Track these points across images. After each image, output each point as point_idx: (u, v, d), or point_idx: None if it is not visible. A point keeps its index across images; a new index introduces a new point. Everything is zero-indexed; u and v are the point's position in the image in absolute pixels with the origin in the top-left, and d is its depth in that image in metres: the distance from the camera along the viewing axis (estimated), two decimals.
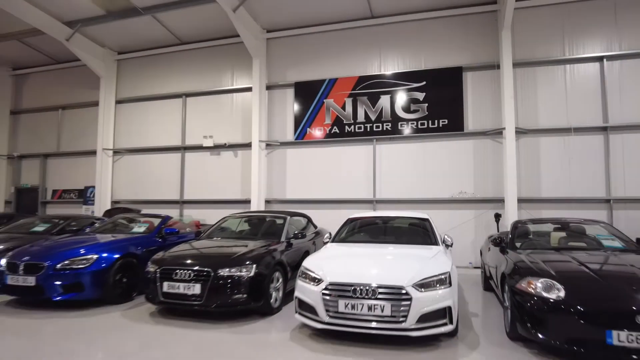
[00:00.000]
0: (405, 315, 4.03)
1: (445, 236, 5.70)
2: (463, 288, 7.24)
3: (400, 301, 4.06)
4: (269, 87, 11.22)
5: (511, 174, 8.81)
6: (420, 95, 10.01)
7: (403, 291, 4.08)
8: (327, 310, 4.26)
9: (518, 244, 5.64)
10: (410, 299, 4.05)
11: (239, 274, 5.16)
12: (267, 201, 10.98)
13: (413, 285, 4.12)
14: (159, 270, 5.33)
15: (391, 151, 10.21)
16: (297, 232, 6.97)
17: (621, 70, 8.84)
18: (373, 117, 10.27)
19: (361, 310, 4.13)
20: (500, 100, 9.27)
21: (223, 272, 5.11)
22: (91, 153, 13.06)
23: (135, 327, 4.96)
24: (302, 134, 10.83)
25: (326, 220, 9.29)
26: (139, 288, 6.35)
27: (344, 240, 5.97)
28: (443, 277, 4.28)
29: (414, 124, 10.02)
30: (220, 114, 11.78)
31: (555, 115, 9.11)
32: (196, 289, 5.06)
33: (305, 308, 4.51)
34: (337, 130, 10.54)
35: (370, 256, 5.01)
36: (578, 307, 3.68)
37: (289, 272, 6.10)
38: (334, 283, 4.31)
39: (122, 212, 9.98)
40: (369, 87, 10.37)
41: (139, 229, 7.51)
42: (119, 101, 12.97)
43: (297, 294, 4.63)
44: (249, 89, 11.33)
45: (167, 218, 7.84)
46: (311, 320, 4.40)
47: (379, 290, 4.13)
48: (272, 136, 11.14)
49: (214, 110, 11.86)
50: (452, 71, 9.84)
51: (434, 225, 6.02)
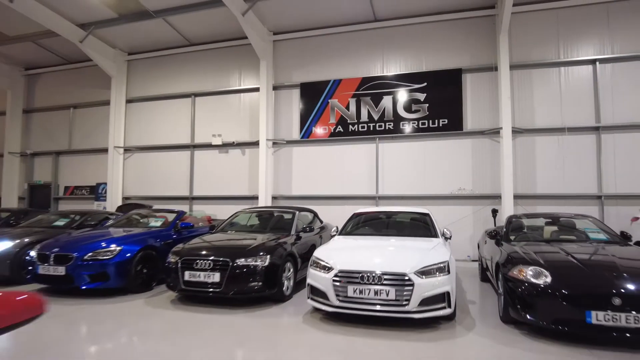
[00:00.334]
0: (408, 299, 4.49)
1: (445, 229, 6.15)
2: (461, 279, 7.69)
3: (404, 286, 4.51)
4: (275, 88, 11.64)
5: (508, 171, 9.26)
6: (421, 96, 10.44)
7: (406, 277, 4.53)
8: (338, 295, 4.71)
9: (512, 236, 6.08)
10: (412, 285, 4.50)
11: (254, 263, 5.61)
12: (274, 197, 11.43)
13: (415, 272, 4.57)
14: (180, 260, 5.78)
15: (393, 149, 10.65)
16: (305, 226, 7.42)
17: (613, 72, 9.27)
18: (376, 117, 10.71)
19: (368, 294, 4.58)
20: (498, 101, 9.69)
21: (240, 262, 5.56)
22: (102, 151, 13.51)
23: (160, 313, 5.42)
24: (308, 132, 11.27)
25: (331, 215, 9.72)
26: (158, 278, 6.81)
27: (351, 233, 6.42)
28: (442, 266, 4.73)
29: (415, 123, 10.45)
30: (228, 113, 12.21)
31: (550, 115, 9.55)
32: (216, 277, 5.51)
33: (317, 294, 4.96)
34: (342, 129, 10.97)
35: (376, 247, 5.47)
36: (562, 291, 4.13)
37: (299, 263, 6.56)
38: (343, 270, 4.77)
39: (135, 208, 10.42)
40: (372, 88, 10.80)
41: (156, 223, 7.95)
42: (129, 100, 13.39)
43: (309, 281, 5.08)
44: (256, 89, 11.76)
45: (182, 213, 8.28)
46: (323, 305, 4.86)
47: (384, 276, 4.58)
48: (279, 135, 11.57)
49: (222, 109, 12.29)
50: (452, 73, 10.26)
51: (434, 219, 6.46)
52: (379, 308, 4.55)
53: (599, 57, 9.32)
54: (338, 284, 4.73)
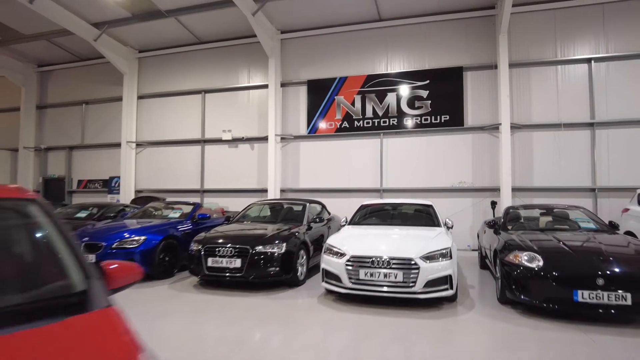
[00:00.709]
0: (414, 281, 4.99)
1: (447, 220, 6.63)
2: (462, 267, 8.18)
3: (410, 270, 5.01)
4: (283, 85, 12.07)
5: (506, 165, 9.73)
6: (424, 93, 10.87)
7: (412, 262, 5.03)
8: (350, 278, 5.22)
9: (509, 226, 6.57)
10: (418, 268, 4.99)
11: (272, 250, 6.10)
12: (282, 190, 11.90)
13: (420, 257, 5.06)
14: (203, 248, 6.27)
15: (397, 144, 11.11)
16: (315, 217, 7.91)
17: (607, 71, 9.70)
18: (380, 113, 11.16)
19: (378, 277, 5.08)
20: (497, 97, 10.11)
21: (259, 249, 6.06)
22: (114, 145, 13.96)
23: (186, 296, 5.92)
24: (315, 128, 11.72)
25: (336, 207, 10.19)
26: (179, 265, 7.30)
27: (359, 223, 6.91)
28: (445, 251, 5.22)
29: (418, 119, 10.90)
30: (237, 109, 12.65)
31: (547, 112, 9.99)
32: (237, 263, 6.01)
33: (330, 277, 5.46)
34: (347, 125, 11.42)
35: (384, 235, 5.97)
36: (553, 273, 4.63)
37: (311, 251, 7.06)
38: (355, 256, 5.26)
39: (150, 201, 10.91)
40: (376, 85, 11.23)
41: (175, 214, 8.45)
42: (140, 97, 13.81)
43: (324, 266, 5.58)
44: (264, 86, 12.19)
45: (198, 205, 8.77)
46: (336, 287, 5.36)
47: (393, 261, 5.08)
48: (286, 130, 12.02)
49: (232, 105, 12.73)
50: (454, 71, 10.69)
51: (437, 210, 6.95)
52: (388, 289, 5.05)
53: (594, 56, 9.75)
54: (350, 268, 5.23)
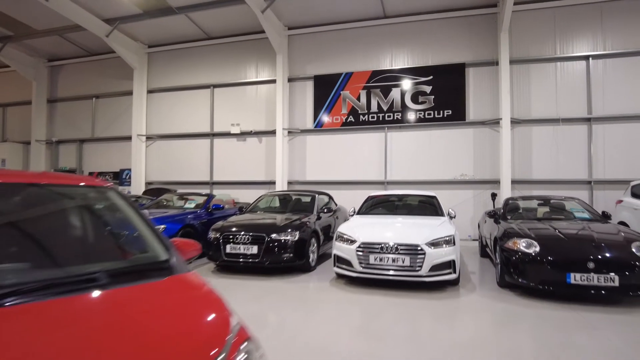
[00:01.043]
0: (421, 266, 5.41)
1: (450, 210, 7.04)
2: (463, 255, 8.59)
3: (417, 255, 5.43)
4: (290, 80, 12.41)
5: (506, 158, 10.12)
6: (427, 88, 11.23)
7: (419, 248, 5.44)
8: (361, 263, 5.64)
9: (509, 216, 6.97)
10: (424, 254, 5.41)
11: (286, 238, 6.52)
12: (289, 182, 12.30)
13: (426, 243, 5.48)
14: (221, 235, 6.69)
15: (401, 138, 11.49)
16: (324, 207, 8.32)
17: (605, 68, 10.05)
18: (385, 108, 11.52)
19: (387, 262, 5.50)
20: (498, 93, 10.47)
21: (274, 237, 6.48)
22: (124, 138, 14.33)
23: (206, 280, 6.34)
24: (321, 122, 12.09)
25: (342, 199, 10.57)
26: None
27: (367, 213, 7.32)
28: (448, 239, 5.63)
29: (421, 113, 11.27)
30: (245, 103, 13.00)
31: (546, 107, 10.36)
32: (254, 249, 6.43)
33: (342, 262, 5.88)
34: (353, 119, 11.80)
35: (392, 223, 6.38)
36: (548, 258, 5.04)
37: (321, 239, 7.48)
38: (365, 242, 5.68)
39: (162, 193, 11.31)
40: (381, 81, 11.59)
41: (190, 205, 8.86)
42: (150, 91, 14.15)
43: (335, 252, 6.00)
44: (271, 81, 12.54)
45: (212, 196, 9.18)
46: (347, 271, 5.78)
47: (400, 247, 5.49)
48: (293, 124, 12.38)
49: (240, 100, 13.08)
50: (456, 67, 11.04)
51: (440, 201, 7.36)
52: (396, 273, 5.48)
53: (592, 54, 10.09)
54: (361, 253, 5.65)
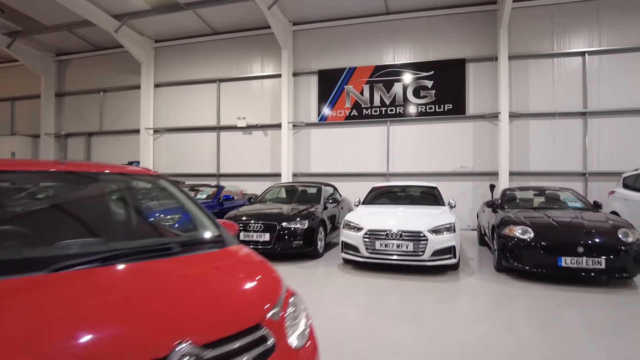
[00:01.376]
0: (423, 251, 5.82)
1: (450, 200, 7.45)
2: (462, 243, 8.93)
3: (420, 241, 5.84)
4: (295, 74, 12.72)
5: (504, 151, 10.50)
6: (429, 83, 11.58)
7: (422, 234, 5.85)
8: (367, 248, 6.05)
9: (506, 205, 7.37)
10: (426, 240, 5.82)
11: (296, 226, 6.92)
12: (294, 174, 12.67)
13: (428, 230, 5.88)
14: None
15: (403, 131, 11.86)
16: (329, 198, 8.71)
17: (600, 64, 10.40)
18: (387, 102, 11.87)
19: (392, 247, 5.91)
20: (497, 88, 10.81)
21: (285, 225, 6.88)
22: (131, 132, 14.67)
23: None
24: (325, 116, 12.44)
25: (346, 190, 10.95)
26: None
27: (371, 203, 7.71)
28: (449, 226, 6.04)
29: (422, 107, 11.63)
30: (251, 97, 13.33)
31: (543, 101, 10.72)
32: (266, 237, 6.83)
33: (349, 248, 6.29)
34: (356, 113, 12.15)
35: (396, 212, 6.79)
36: (541, 243, 5.45)
37: (328, 228, 7.88)
38: (371, 229, 6.08)
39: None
40: (384, 75, 11.92)
41: (201, 196, 9.25)
42: (157, 85, 14.45)
43: (343, 239, 6.40)
44: (276, 76, 12.85)
45: (222, 188, 9.57)
46: (355, 256, 6.19)
47: (404, 234, 5.90)
48: (298, 118, 12.73)
49: (246, 94, 13.40)
50: (457, 62, 11.37)
51: (441, 192, 7.76)
52: (400, 257, 5.89)
53: (588, 50, 10.43)
54: (367, 240, 6.06)
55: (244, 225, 6.98)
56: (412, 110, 11.70)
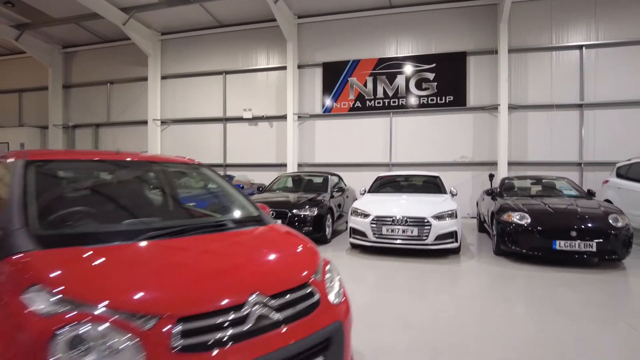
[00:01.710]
0: (427, 235, 6.22)
1: (452, 188, 7.84)
2: (462, 230, 9.36)
3: (424, 226, 6.24)
4: (299, 67, 13.00)
5: (503, 141, 10.87)
6: (431, 75, 11.90)
7: (426, 220, 6.24)
8: (374, 233, 6.45)
9: (505, 194, 7.77)
10: (430, 225, 6.22)
11: (305, 213, 7.32)
12: (299, 165, 13.02)
13: (432, 216, 6.28)
14: None
15: (405, 122, 12.20)
16: (336, 187, 9.10)
17: (597, 57, 10.72)
18: (390, 94, 12.20)
19: (397, 232, 6.31)
20: (497, 80, 11.13)
21: (296, 212, 7.27)
22: (138, 123, 14.97)
23: None
24: (329, 107, 12.77)
25: (349, 180, 11.33)
26: None
27: (377, 192, 8.09)
28: (451, 212, 6.43)
29: (424, 99, 11.96)
30: (256, 89, 13.63)
31: (541, 94, 11.06)
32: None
33: (357, 233, 6.69)
34: (359, 104, 12.48)
35: (401, 200, 7.18)
36: (537, 228, 5.86)
37: (335, 215, 8.28)
38: (378, 216, 6.48)
39: None
40: (387, 68, 12.23)
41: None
42: (163, 77, 14.70)
43: (351, 225, 6.80)
44: (281, 68, 13.14)
45: (232, 177, 9.94)
46: (362, 241, 6.59)
47: (409, 219, 6.29)
48: (303, 109, 13.05)
49: (251, 85, 13.69)
50: (458, 55, 11.67)
51: (443, 181, 8.14)
52: (405, 242, 6.30)
53: (585, 43, 10.74)
54: (374, 225, 6.46)
55: None
56: (414, 102, 12.03)
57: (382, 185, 8.39)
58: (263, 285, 1.77)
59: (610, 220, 5.72)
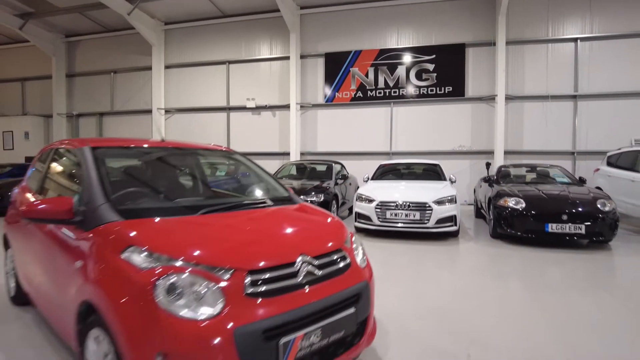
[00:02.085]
0: (428, 219, 6.64)
1: (451, 175, 8.24)
2: (460, 216, 9.87)
3: (425, 211, 6.65)
4: (302, 57, 13.28)
5: (500, 131, 11.29)
6: (430, 66, 12.23)
7: (427, 205, 6.66)
8: (379, 218, 6.86)
9: (501, 181, 8.19)
10: (431, 210, 6.63)
11: (312, 199, 7.69)
12: (302, 153, 13.39)
13: (433, 201, 6.69)
14: None
15: (405, 112, 12.57)
16: (339, 175, 9.48)
17: (591, 50, 11.10)
18: (391, 84, 12.54)
19: (400, 217, 6.72)
20: (495, 71, 11.50)
21: (303, 198, 7.61)
22: (142, 112, 15.23)
23: None
24: (331, 97, 13.09)
25: (350, 168, 11.67)
26: None
27: (380, 179, 8.49)
28: (450, 198, 6.85)
29: (424, 89, 12.31)
30: (259, 78, 13.91)
31: (537, 85, 11.46)
32: None
33: (362, 218, 7.10)
34: (361, 94, 12.81)
35: (403, 186, 7.58)
36: (531, 212, 6.29)
37: (339, 202, 8.68)
38: (382, 201, 6.88)
39: None
40: (388, 58, 12.54)
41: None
42: (167, 66, 14.93)
43: (357, 209, 7.20)
44: (284, 58, 13.41)
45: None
46: (367, 225, 7.01)
47: (412, 204, 6.70)
48: (305, 99, 13.36)
49: (254, 75, 13.97)
50: (457, 47, 12.01)
51: (442, 168, 8.55)
52: (408, 225, 6.72)
53: (580, 36, 11.11)
54: (379, 210, 6.87)
55: None
56: (415, 92, 12.38)
57: (385, 173, 8.78)
58: (307, 249, 2.16)
59: (598, 205, 6.15)
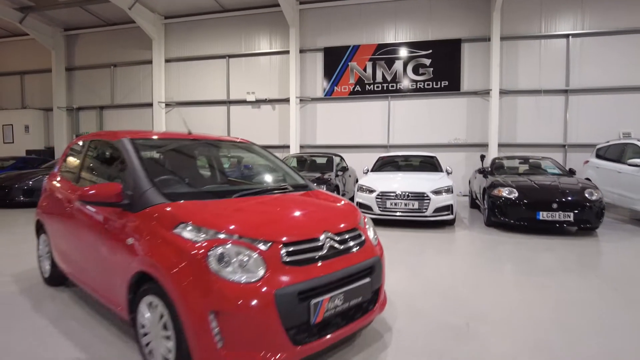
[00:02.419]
0: (427, 208, 6.99)
1: (447, 167, 8.60)
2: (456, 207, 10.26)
3: (423, 200, 7.01)
4: (301, 51, 13.52)
5: (494, 124, 11.65)
6: (427, 61, 12.54)
7: (425, 195, 7.01)
8: (379, 207, 7.20)
9: (495, 172, 8.56)
10: (429, 199, 6.99)
11: None
12: (301, 146, 13.68)
13: (430, 191, 7.05)
14: None
15: (402, 106, 12.89)
16: (339, 167, 9.80)
17: (582, 46, 11.47)
18: (389, 78, 12.84)
19: (400, 206, 7.07)
20: (489, 66, 11.84)
21: None
22: (142, 105, 15.41)
23: None
24: (330, 91, 13.37)
25: (349, 161, 11.95)
26: None
27: (379, 170, 8.83)
28: (447, 188, 7.20)
29: (421, 84, 12.63)
30: (259, 72, 14.14)
31: (530, 79, 11.82)
32: None
33: (363, 207, 7.42)
34: (359, 88, 13.11)
35: (402, 177, 7.92)
36: (524, 201, 6.66)
37: (340, 193, 9.00)
38: (383, 191, 7.22)
39: None
40: (386, 53, 12.83)
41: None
42: (167, 60, 15.10)
43: (358, 199, 7.54)
44: (283, 52, 13.65)
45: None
46: (368, 214, 7.33)
47: (411, 194, 7.05)
48: (304, 93, 13.63)
49: (254, 69, 14.20)
50: (453, 42, 12.32)
51: (439, 160, 8.90)
52: (407, 214, 7.07)
53: (572, 32, 11.47)
54: (379, 200, 7.21)
55: None
56: (412, 86, 12.70)
57: (384, 165, 9.12)
58: (330, 226, 2.49)
59: (586, 194, 6.54)
